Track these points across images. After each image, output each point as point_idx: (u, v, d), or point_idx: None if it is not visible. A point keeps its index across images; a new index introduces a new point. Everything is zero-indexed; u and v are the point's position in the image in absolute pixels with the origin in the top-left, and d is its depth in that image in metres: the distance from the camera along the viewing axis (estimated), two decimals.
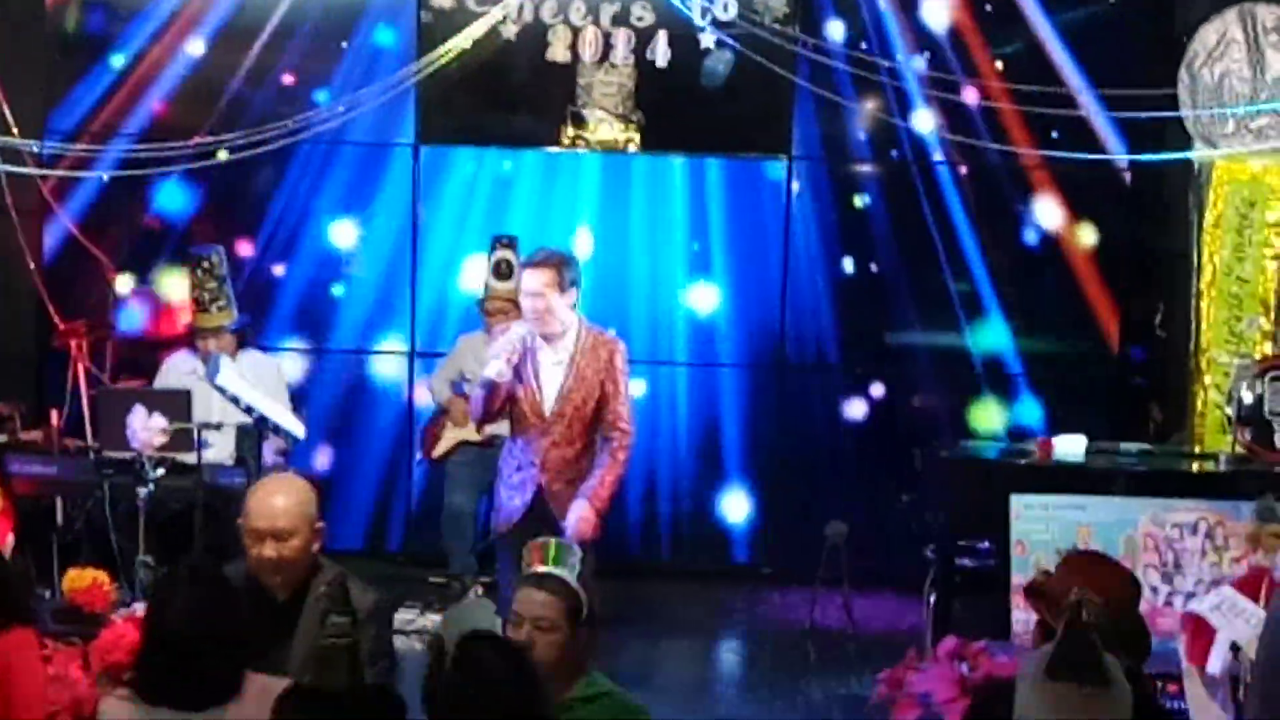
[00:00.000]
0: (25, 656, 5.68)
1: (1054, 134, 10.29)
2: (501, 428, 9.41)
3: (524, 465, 7.45)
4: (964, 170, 10.65)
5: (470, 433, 9.79)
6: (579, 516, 7.30)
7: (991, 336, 10.78)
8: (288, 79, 10.67)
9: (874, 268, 10.78)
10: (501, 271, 9.75)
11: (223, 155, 10.21)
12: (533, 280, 7.31)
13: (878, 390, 10.87)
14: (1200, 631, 6.14)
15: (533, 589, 4.70)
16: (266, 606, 5.16)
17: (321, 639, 3.61)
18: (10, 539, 7.62)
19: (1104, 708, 3.53)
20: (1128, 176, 10.43)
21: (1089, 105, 10.12)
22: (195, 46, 10.62)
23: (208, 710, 4.36)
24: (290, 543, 5.17)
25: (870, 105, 10.56)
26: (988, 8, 10.49)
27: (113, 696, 4.54)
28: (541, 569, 4.79)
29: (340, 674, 3.59)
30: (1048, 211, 10.65)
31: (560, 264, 7.35)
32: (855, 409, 10.87)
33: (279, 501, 5.21)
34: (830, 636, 9.70)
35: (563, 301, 7.35)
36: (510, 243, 9.87)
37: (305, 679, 3.60)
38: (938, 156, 10.65)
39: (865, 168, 10.79)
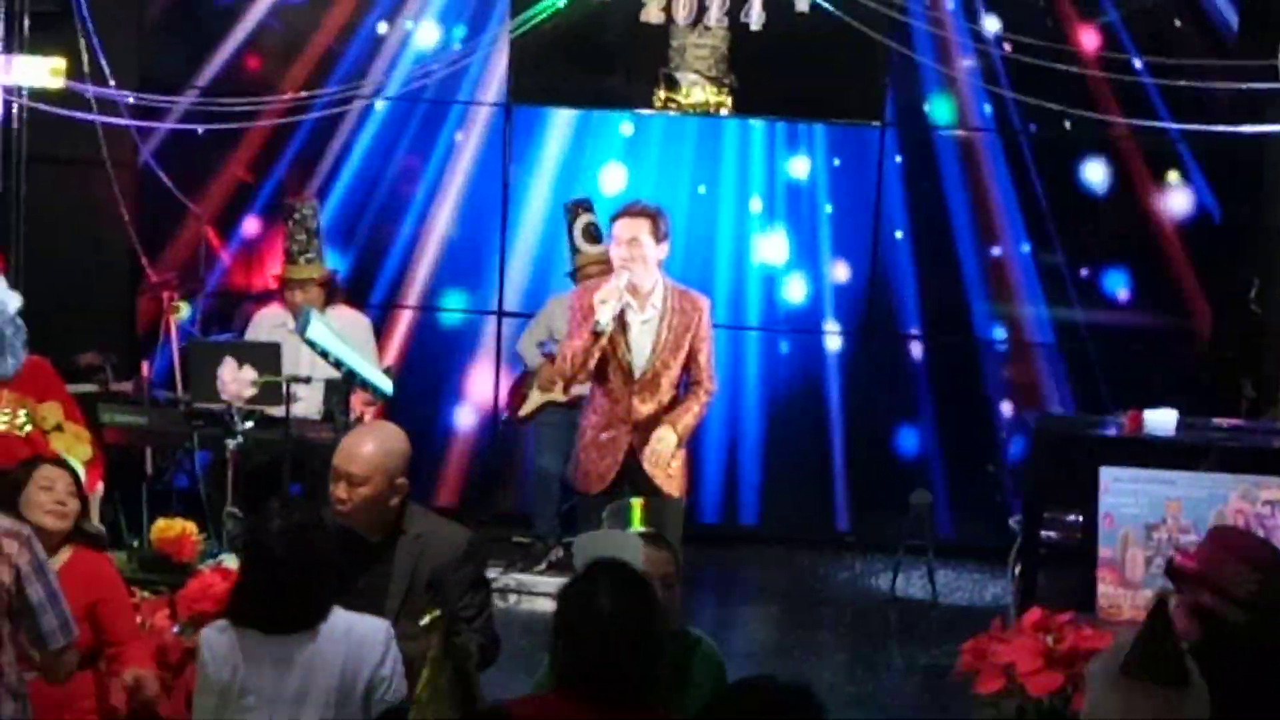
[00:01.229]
0: (107, 577, 5.77)
1: (1152, 105, 10.19)
2: (585, 388, 9.43)
3: (613, 424, 7.35)
4: (1058, 141, 10.56)
5: (557, 394, 9.79)
6: (657, 436, 7.25)
7: (1083, 308, 10.70)
8: (380, 35, 10.69)
9: (965, 236, 10.72)
10: (591, 235, 9.72)
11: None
12: (628, 228, 7.23)
13: (965, 360, 10.80)
14: None
15: (653, 548, 4.77)
16: (359, 547, 5.27)
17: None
18: (100, 488, 7.69)
19: (1180, 709, 3.42)
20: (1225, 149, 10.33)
21: (1186, 76, 9.99)
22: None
23: (293, 634, 4.62)
24: (360, 489, 5.29)
25: (965, 73, 10.47)
26: None
27: (209, 627, 4.78)
28: (646, 529, 4.87)
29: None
30: (1141, 184, 10.55)
31: (655, 214, 7.31)
32: (942, 378, 10.81)
33: (362, 448, 5.34)
34: (913, 605, 9.67)
35: (657, 252, 7.28)
36: (589, 206, 9.84)
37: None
38: (1031, 126, 10.57)
39: (958, 135, 10.71)
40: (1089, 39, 10.35)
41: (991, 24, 10.35)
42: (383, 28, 10.70)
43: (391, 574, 5.26)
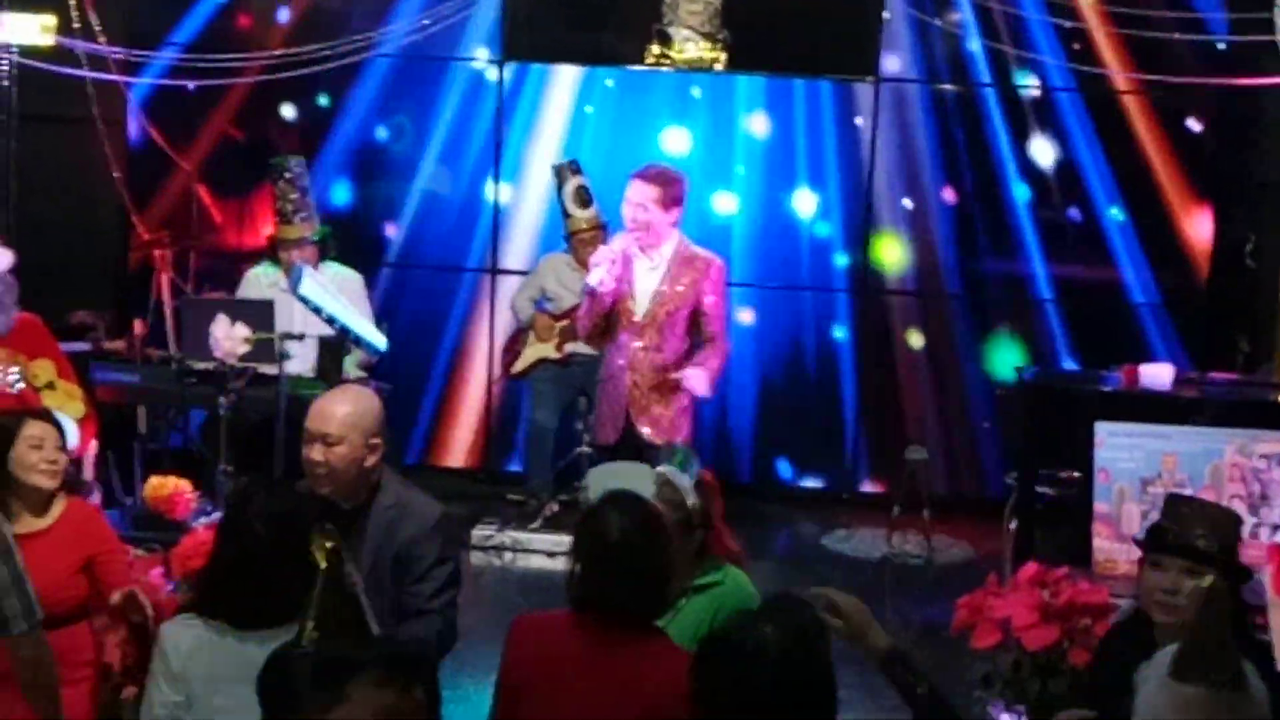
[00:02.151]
0: (101, 530, 5.78)
1: (1146, 58, 10.16)
2: (581, 346, 9.44)
3: (618, 373, 7.59)
4: (1053, 95, 10.53)
5: (549, 350, 9.77)
6: (692, 373, 7.46)
7: (1079, 264, 10.68)
8: None
9: (958, 193, 10.68)
10: (582, 199, 9.65)
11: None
12: (637, 193, 7.48)
13: (959, 315, 10.77)
14: None
15: (659, 500, 4.83)
16: (331, 515, 5.13)
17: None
18: (94, 446, 7.67)
19: (1236, 712, 3.23)
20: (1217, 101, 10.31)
21: (1183, 28, 9.96)
22: None
23: (262, 630, 4.29)
24: (336, 449, 5.14)
25: (957, 28, 10.43)
26: None
27: (171, 621, 4.49)
28: (663, 468, 4.97)
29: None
30: (1137, 137, 10.52)
31: (666, 181, 7.57)
32: (936, 334, 10.78)
33: (335, 408, 5.21)
34: (909, 563, 9.66)
35: (664, 218, 7.54)
36: (578, 168, 9.75)
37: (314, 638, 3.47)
38: (1024, 80, 10.54)
39: (952, 90, 10.67)
40: None
41: None
42: None
43: (359, 546, 5.08)
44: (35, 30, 9.62)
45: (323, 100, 10.76)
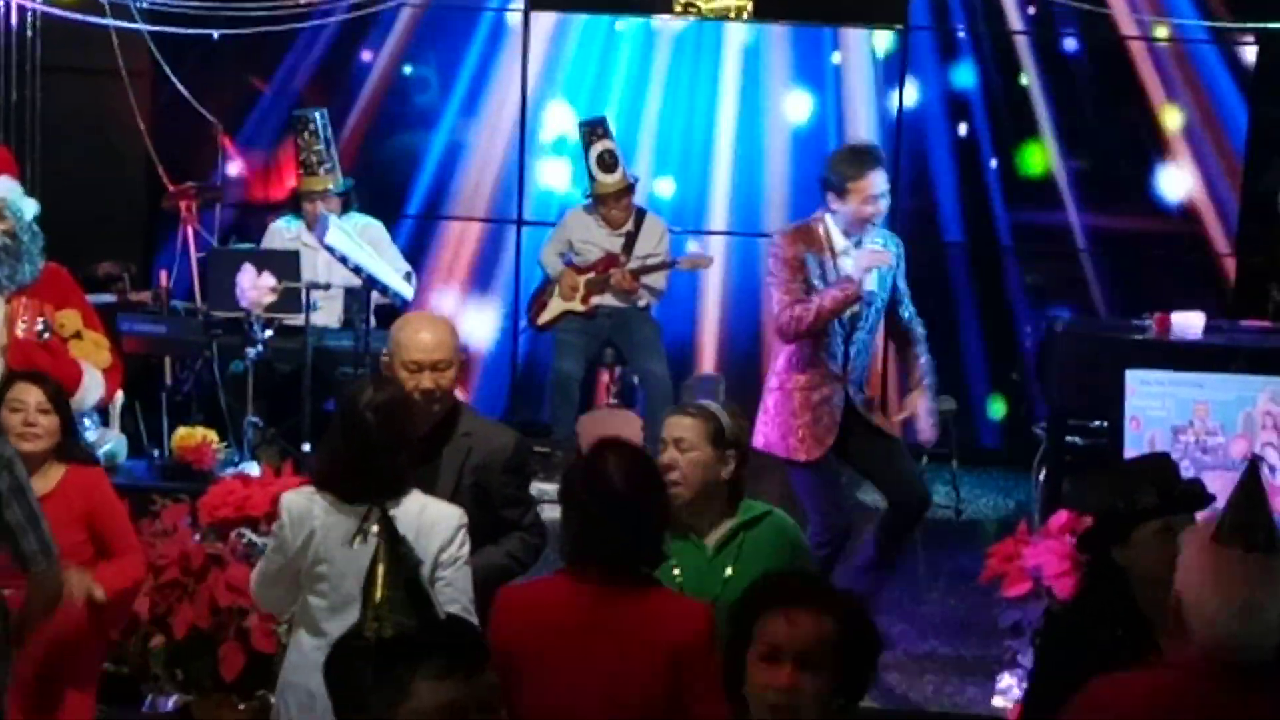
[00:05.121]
0: (100, 491, 5.82)
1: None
2: (608, 299, 9.39)
3: (828, 380, 6.95)
4: (1084, 43, 10.46)
5: (575, 304, 9.73)
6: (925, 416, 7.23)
7: (1106, 213, 10.62)
8: None
9: (986, 141, 10.62)
10: (606, 163, 9.55)
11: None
12: (885, 180, 6.88)
13: (988, 265, 10.72)
14: None
15: (678, 415, 4.99)
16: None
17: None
18: (120, 397, 7.67)
19: (1270, 573, 3.40)
20: (1252, 51, 10.22)
21: None
22: None
23: (366, 502, 4.71)
24: (447, 373, 5.26)
25: None
26: None
27: (291, 491, 4.95)
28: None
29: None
30: (1169, 86, 10.45)
31: None
32: (965, 283, 10.73)
33: (434, 334, 5.29)
34: (937, 512, 9.61)
35: None
36: (606, 130, 9.65)
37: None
38: (1056, 29, 10.47)
39: (980, 39, 10.59)
40: None
41: None
42: None
43: (438, 473, 5.20)
44: None
45: (347, 51, 10.69)
